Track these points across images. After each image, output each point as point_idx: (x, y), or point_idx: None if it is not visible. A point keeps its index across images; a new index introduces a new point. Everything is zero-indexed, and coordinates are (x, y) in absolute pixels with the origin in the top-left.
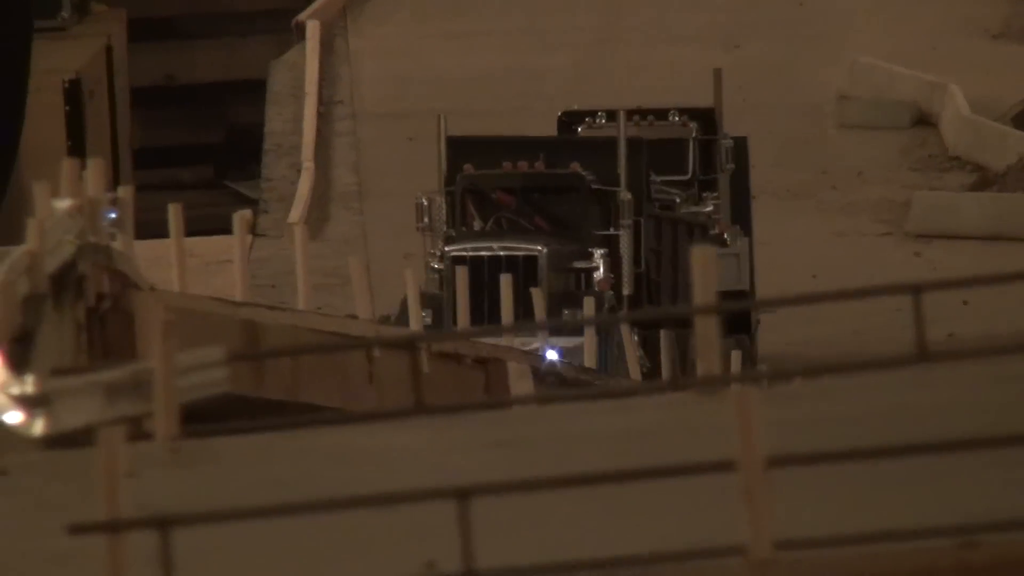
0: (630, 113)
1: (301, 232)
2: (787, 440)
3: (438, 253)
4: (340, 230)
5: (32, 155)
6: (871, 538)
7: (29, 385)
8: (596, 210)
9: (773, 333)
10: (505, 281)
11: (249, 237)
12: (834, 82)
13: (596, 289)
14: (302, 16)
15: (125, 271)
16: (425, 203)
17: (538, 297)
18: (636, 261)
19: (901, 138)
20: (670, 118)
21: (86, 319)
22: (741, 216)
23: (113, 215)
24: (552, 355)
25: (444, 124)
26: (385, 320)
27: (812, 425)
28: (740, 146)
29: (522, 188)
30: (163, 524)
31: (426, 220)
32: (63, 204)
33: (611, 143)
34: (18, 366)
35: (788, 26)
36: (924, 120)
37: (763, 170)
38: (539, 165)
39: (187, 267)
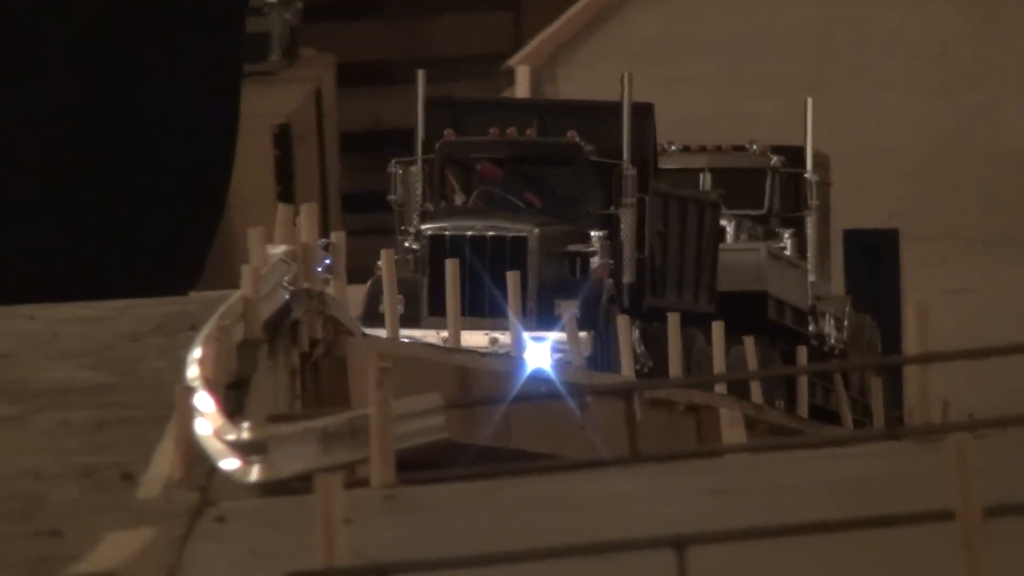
0: (702, 147)
1: (513, 278)
2: (1003, 490)
3: (412, 231)
4: None
5: (241, 200)
6: None
7: (245, 432)
8: (595, 186)
9: (983, 382)
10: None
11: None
12: None
13: (592, 277)
14: (512, 61)
15: (338, 317)
16: (399, 172)
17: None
18: (639, 245)
19: None
20: (748, 148)
21: (300, 365)
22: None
23: (327, 261)
24: (537, 353)
25: (423, 82)
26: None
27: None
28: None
29: (510, 158)
30: (380, 572)
31: (401, 193)
32: (277, 250)
33: (614, 108)
34: (233, 412)
35: (995, 72)
36: None
37: (973, 216)
38: (531, 132)
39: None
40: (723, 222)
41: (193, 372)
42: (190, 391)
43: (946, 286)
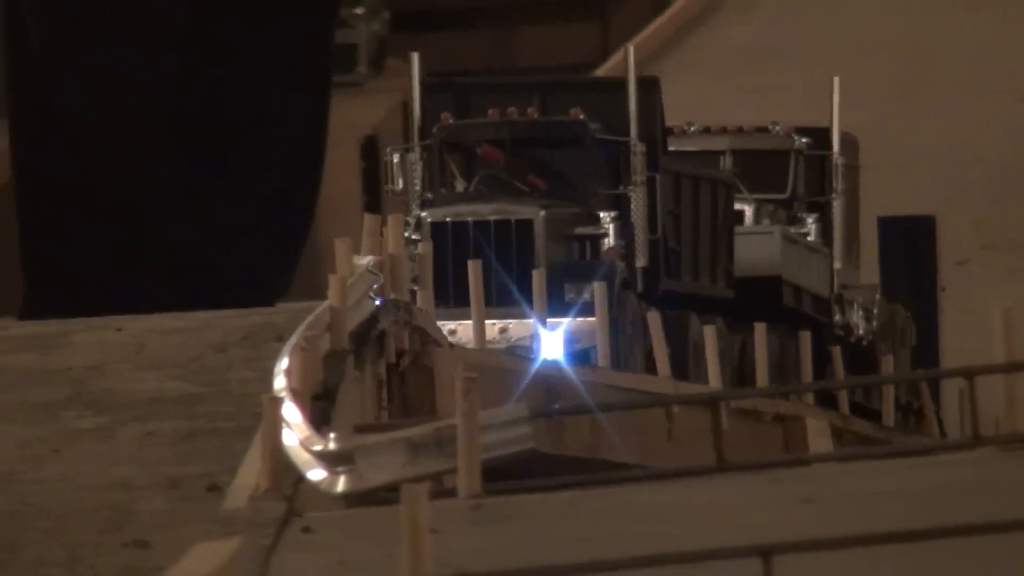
0: (723, 128)
1: (600, 290)
2: None
3: (412, 221)
4: None
5: (329, 210)
6: None
7: (332, 442)
8: (602, 165)
9: None
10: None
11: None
12: None
13: (604, 260)
14: (599, 72)
15: (425, 327)
16: (395, 160)
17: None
18: (651, 226)
19: None
20: (771, 130)
21: (386, 375)
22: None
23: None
24: (551, 341)
25: (418, 64)
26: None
27: None
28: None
29: (512, 140)
30: None
31: (400, 182)
32: (364, 260)
33: (618, 83)
34: (320, 423)
35: None
36: None
37: None
38: (532, 112)
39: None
40: (743, 206)
41: (280, 383)
42: (277, 402)
43: None
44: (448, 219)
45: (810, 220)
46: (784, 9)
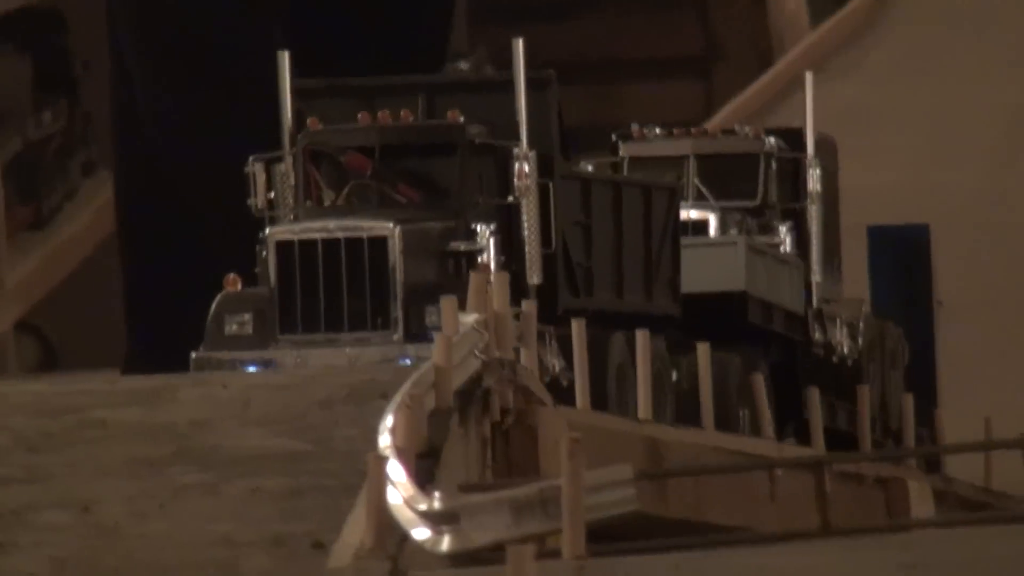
0: (685, 131)
1: (704, 351)
2: None
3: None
4: None
5: None
6: None
7: (436, 501)
8: (488, 172)
9: None
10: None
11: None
12: None
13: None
14: (710, 124)
15: (529, 386)
16: (255, 172)
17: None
18: (545, 239)
19: None
20: (738, 131)
21: (491, 434)
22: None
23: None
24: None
25: (287, 65)
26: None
27: None
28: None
29: (383, 146)
30: None
31: (262, 197)
32: (469, 318)
33: (506, 84)
34: (425, 482)
35: None
36: None
37: None
38: (406, 114)
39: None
40: (708, 214)
41: (385, 440)
42: (382, 460)
43: None
44: (295, 238)
45: (784, 229)
46: (889, 70)
